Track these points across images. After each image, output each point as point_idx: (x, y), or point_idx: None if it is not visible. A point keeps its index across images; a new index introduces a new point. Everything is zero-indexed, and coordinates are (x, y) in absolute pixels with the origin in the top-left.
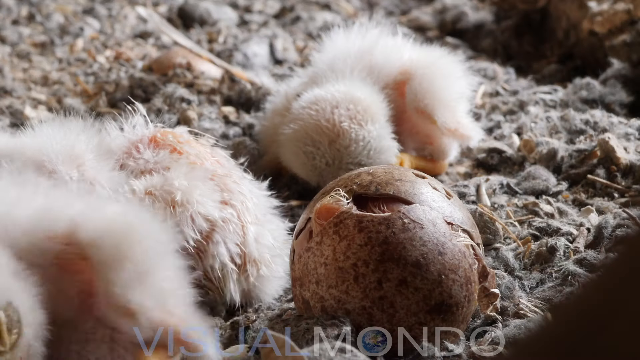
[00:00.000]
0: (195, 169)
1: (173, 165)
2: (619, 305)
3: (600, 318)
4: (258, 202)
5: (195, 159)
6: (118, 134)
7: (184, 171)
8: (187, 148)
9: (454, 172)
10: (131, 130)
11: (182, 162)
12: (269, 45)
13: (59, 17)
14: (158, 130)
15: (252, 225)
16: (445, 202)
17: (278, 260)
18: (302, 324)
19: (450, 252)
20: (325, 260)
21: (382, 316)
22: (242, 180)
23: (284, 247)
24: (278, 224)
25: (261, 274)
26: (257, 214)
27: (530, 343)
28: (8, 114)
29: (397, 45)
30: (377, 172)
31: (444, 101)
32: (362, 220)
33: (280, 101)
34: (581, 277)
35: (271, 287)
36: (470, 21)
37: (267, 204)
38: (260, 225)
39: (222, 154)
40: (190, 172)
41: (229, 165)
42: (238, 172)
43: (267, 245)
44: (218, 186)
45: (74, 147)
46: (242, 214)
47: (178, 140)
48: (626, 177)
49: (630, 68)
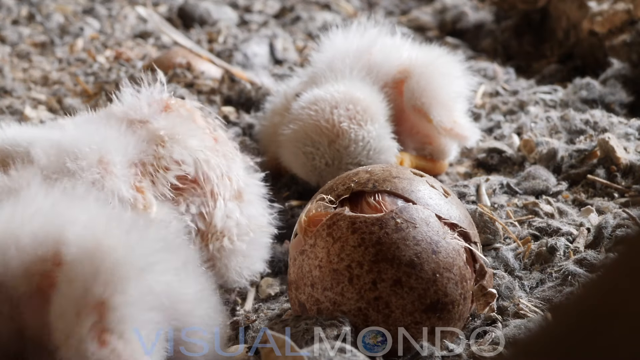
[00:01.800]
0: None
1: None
2: (619, 305)
3: (600, 318)
4: (245, 184)
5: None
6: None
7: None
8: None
9: (454, 172)
10: (149, 92)
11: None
12: (269, 45)
13: (59, 17)
14: (171, 98)
15: (229, 202)
16: (442, 200)
17: (247, 240)
18: (301, 324)
19: (444, 251)
20: (320, 263)
21: (377, 317)
22: (232, 161)
23: (259, 231)
24: (261, 210)
25: (223, 245)
26: (240, 193)
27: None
28: (8, 114)
29: (395, 44)
30: (375, 170)
31: (441, 100)
32: (355, 222)
33: (279, 101)
34: (581, 277)
35: (235, 262)
36: (470, 21)
37: (256, 190)
38: (239, 203)
39: (223, 135)
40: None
41: (224, 144)
42: (231, 152)
43: (238, 222)
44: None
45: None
46: (218, 187)
47: (187, 109)
48: (626, 177)
49: (630, 68)
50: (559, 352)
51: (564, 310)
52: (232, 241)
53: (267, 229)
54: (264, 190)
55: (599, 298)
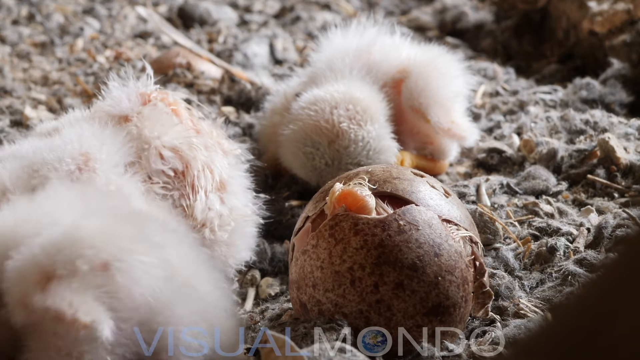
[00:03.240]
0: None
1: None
2: (619, 305)
3: (600, 318)
4: (229, 176)
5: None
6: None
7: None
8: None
9: (454, 172)
10: (133, 86)
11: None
12: (269, 45)
13: (59, 17)
14: (154, 91)
15: (210, 194)
16: (443, 201)
17: (229, 229)
18: (300, 327)
19: (447, 253)
20: (322, 264)
21: (379, 320)
22: (214, 152)
23: (242, 220)
24: (245, 201)
25: (205, 236)
26: (223, 184)
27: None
28: (8, 114)
29: (395, 43)
30: (375, 170)
31: (439, 101)
32: (358, 223)
33: (279, 100)
34: (581, 277)
35: (219, 252)
36: (470, 21)
37: (240, 181)
38: (221, 194)
39: (206, 127)
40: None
41: (207, 136)
42: (214, 143)
43: (219, 213)
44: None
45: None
46: (198, 179)
47: (168, 103)
48: (626, 177)
49: (630, 68)
50: (559, 352)
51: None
52: (214, 232)
53: (251, 218)
54: (248, 181)
55: (599, 298)
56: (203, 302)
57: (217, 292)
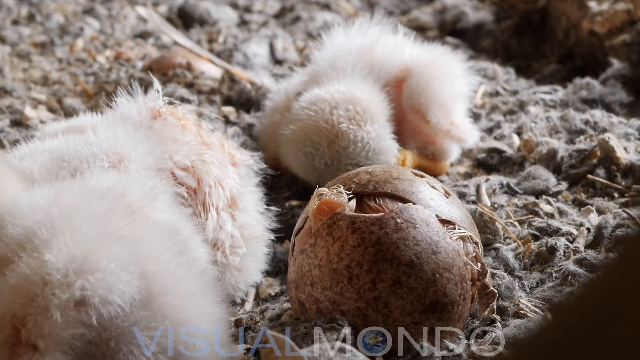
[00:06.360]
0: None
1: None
2: (619, 305)
3: (600, 318)
4: (239, 192)
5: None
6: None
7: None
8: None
9: (454, 172)
10: (142, 100)
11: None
12: (269, 45)
13: (59, 17)
14: (163, 106)
15: (222, 212)
16: (443, 201)
17: (242, 253)
18: (300, 327)
19: (444, 251)
20: (320, 262)
21: (377, 317)
22: (225, 167)
23: (254, 241)
24: (257, 217)
25: (217, 260)
26: (234, 200)
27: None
28: (8, 114)
29: (398, 42)
30: (375, 171)
31: (439, 101)
32: (355, 221)
33: (280, 99)
34: (581, 277)
35: (230, 276)
36: (470, 21)
37: (251, 197)
38: (232, 212)
39: (216, 141)
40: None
41: (217, 151)
42: (224, 158)
43: (231, 234)
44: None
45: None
46: (209, 196)
47: (178, 118)
48: (626, 177)
49: (630, 68)
50: (559, 352)
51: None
52: (225, 255)
53: (263, 238)
54: (259, 196)
55: (599, 298)
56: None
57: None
